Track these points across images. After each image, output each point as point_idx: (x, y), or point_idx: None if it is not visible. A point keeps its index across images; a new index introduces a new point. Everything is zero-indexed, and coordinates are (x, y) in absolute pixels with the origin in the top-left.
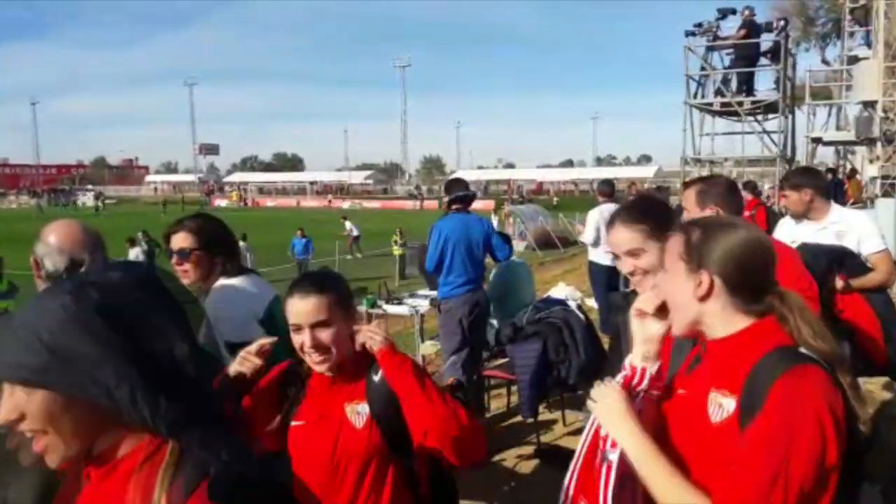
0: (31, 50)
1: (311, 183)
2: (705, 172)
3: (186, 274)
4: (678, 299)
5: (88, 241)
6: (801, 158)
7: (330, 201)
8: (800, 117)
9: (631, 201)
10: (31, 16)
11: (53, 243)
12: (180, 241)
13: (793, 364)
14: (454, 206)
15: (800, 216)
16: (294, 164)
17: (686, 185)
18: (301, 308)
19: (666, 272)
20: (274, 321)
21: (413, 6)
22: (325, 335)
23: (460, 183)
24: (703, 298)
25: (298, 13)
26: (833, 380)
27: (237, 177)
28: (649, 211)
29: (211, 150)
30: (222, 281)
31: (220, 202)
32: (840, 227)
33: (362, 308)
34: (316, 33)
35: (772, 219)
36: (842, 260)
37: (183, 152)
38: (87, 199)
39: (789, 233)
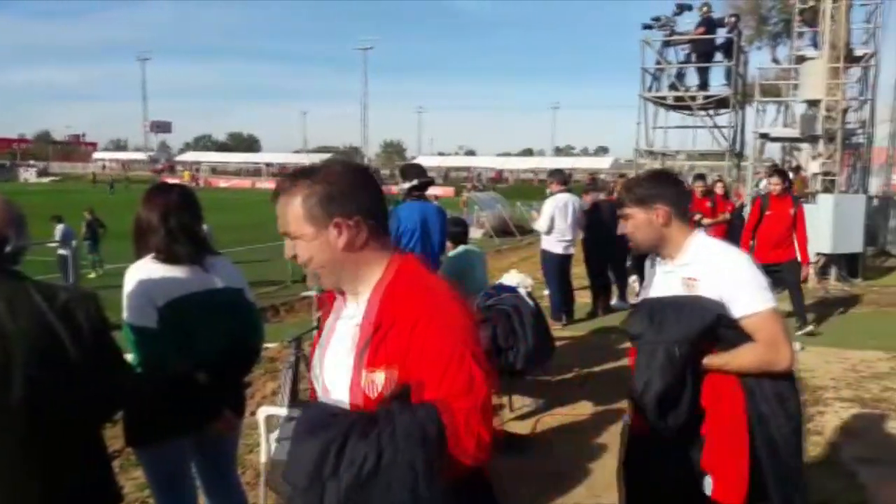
0: None
1: (268, 164)
2: (657, 164)
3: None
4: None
5: (12, 219)
6: (750, 153)
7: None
8: (750, 113)
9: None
10: None
11: None
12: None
13: None
14: (414, 193)
15: (649, 249)
16: (250, 144)
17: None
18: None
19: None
20: (175, 316)
21: None
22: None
23: (417, 168)
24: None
25: None
26: None
27: (190, 156)
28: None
29: (163, 127)
30: (136, 263)
31: (172, 182)
32: (693, 270)
33: (313, 293)
34: (275, 11)
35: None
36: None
37: (133, 130)
38: (29, 174)
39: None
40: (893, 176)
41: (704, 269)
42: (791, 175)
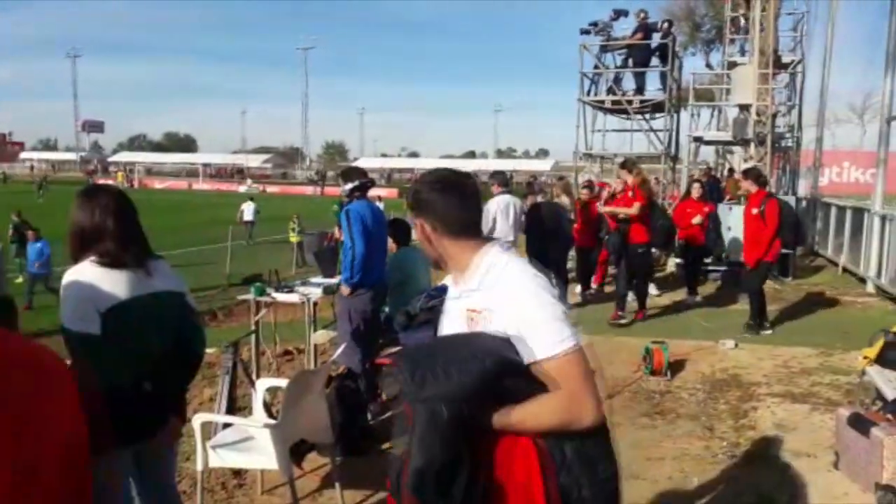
0: None
1: (205, 165)
2: (597, 167)
3: None
4: None
5: None
6: (685, 156)
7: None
8: (685, 117)
9: None
10: None
11: None
12: None
13: None
14: (356, 194)
15: (438, 266)
16: (186, 144)
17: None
18: None
19: None
20: (119, 322)
21: None
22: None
23: (358, 171)
24: None
25: None
26: None
27: (124, 156)
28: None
29: (95, 127)
30: (76, 267)
31: (103, 183)
32: (477, 300)
33: (250, 296)
34: (213, 8)
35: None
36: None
37: (64, 129)
38: None
39: None
40: (820, 178)
41: (491, 297)
42: (724, 177)
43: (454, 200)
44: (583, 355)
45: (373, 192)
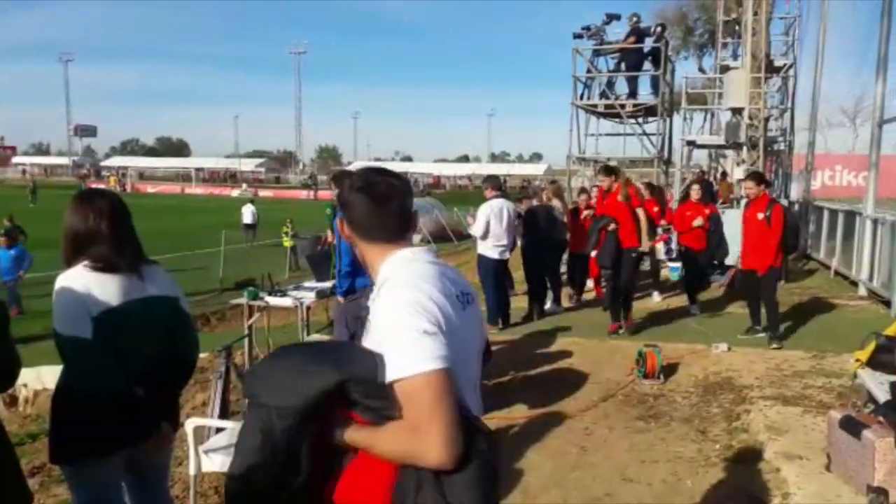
0: None
1: (198, 169)
2: (590, 171)
3: None
4: None
5: None
6: (678, 160)
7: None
8: (677, 121)
9: None
10: None
11: None
12: None
13: None
14: None
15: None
16: (179, 149)
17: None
18: None
19: None
20: (111, 327)
21: None
22: None
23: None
24: None
25: None
26: None
27: (116, 161)
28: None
29: (88, 131)
30: (69, 272)
31: (97, 187)
32: (372, 310)
33: (243, 300)
34: (205, 13)
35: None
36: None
37: (57, 133)
38: None
39: None
40: (812, 181)
41: (373, 309)
42: (718, 180)
43: (370, 202)
44: (440, 384)
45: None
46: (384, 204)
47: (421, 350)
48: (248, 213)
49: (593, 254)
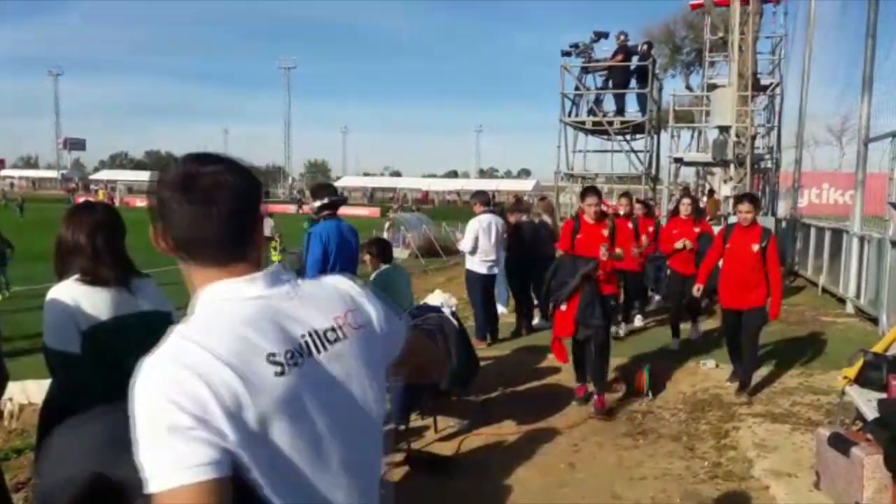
0: None
1: None
2: (578, 187)
3: None
4: None
5: None
6: (665, 177)
7: None
8: (665, 138)
9: None
10: None
11: None
12: None
13: None
14: (325, 212)
15: None
16: (168, 163)
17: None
18: None
19: None
20: (100, 341)
21: (299, 7)
22: None
23: (329, 188)
24: None
25: (176, 5)
26: None
27: (105, 174)
28: None
29: (77, 145)
30: (59, 285)
31: (92, 201)
32: None
33: None
34: (195, 28)
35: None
36: None
37: (45, 147)
38: None
39: None
40: (799, 199)
41: None
42: (704, 198)
43: (188, 204)
44: (190, 501)
45: (359, 211)
46: (207, 206)
47: (165, 457)
48: (266, 227)
49: (537, 322)
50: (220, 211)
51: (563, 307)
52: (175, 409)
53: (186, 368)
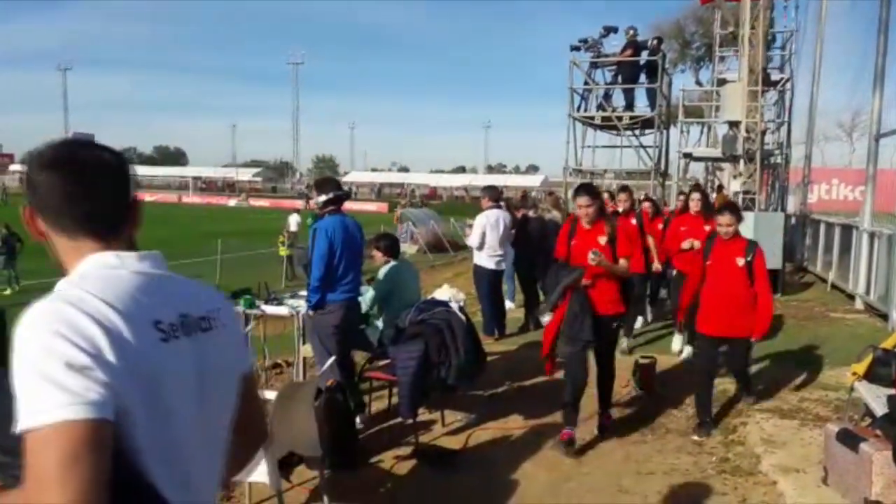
0: None
1: (195, 178)
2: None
3: None
4: None
5: None
6: (674, 172)
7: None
8: (674, 133)
9: None
10: None
11: None
12: None
13: None
14: (330, 207)
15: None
16: (177, 158)
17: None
18: None
19: None
20: None
21: (308, 2)
22: None
23: (333, 182)
24: None
25: (185, 2)
26: None
27: None
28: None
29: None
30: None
31: None
32: None
33: (239, 308)
34: (204, 24)
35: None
36: None
37: None
38: None
39: None
40: (809, 195)
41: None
42: (713, 194)
43: (66, 184)
44: (79, 440)
45: (369, 206)
46: (88, 186)
47: (56, 391)
48: (293, 223)
49: (545, 319)
50: (102, 186)
51: (545, 319)
52: (67, 345)
53: (80, 310)
